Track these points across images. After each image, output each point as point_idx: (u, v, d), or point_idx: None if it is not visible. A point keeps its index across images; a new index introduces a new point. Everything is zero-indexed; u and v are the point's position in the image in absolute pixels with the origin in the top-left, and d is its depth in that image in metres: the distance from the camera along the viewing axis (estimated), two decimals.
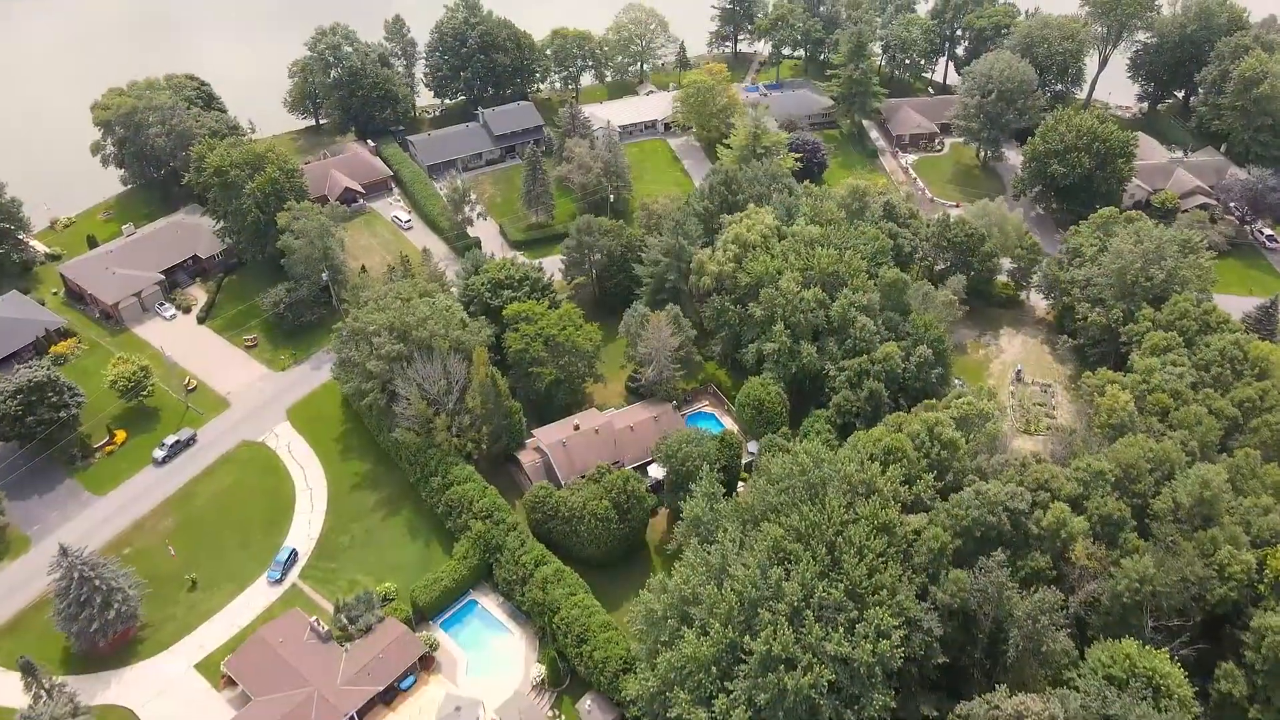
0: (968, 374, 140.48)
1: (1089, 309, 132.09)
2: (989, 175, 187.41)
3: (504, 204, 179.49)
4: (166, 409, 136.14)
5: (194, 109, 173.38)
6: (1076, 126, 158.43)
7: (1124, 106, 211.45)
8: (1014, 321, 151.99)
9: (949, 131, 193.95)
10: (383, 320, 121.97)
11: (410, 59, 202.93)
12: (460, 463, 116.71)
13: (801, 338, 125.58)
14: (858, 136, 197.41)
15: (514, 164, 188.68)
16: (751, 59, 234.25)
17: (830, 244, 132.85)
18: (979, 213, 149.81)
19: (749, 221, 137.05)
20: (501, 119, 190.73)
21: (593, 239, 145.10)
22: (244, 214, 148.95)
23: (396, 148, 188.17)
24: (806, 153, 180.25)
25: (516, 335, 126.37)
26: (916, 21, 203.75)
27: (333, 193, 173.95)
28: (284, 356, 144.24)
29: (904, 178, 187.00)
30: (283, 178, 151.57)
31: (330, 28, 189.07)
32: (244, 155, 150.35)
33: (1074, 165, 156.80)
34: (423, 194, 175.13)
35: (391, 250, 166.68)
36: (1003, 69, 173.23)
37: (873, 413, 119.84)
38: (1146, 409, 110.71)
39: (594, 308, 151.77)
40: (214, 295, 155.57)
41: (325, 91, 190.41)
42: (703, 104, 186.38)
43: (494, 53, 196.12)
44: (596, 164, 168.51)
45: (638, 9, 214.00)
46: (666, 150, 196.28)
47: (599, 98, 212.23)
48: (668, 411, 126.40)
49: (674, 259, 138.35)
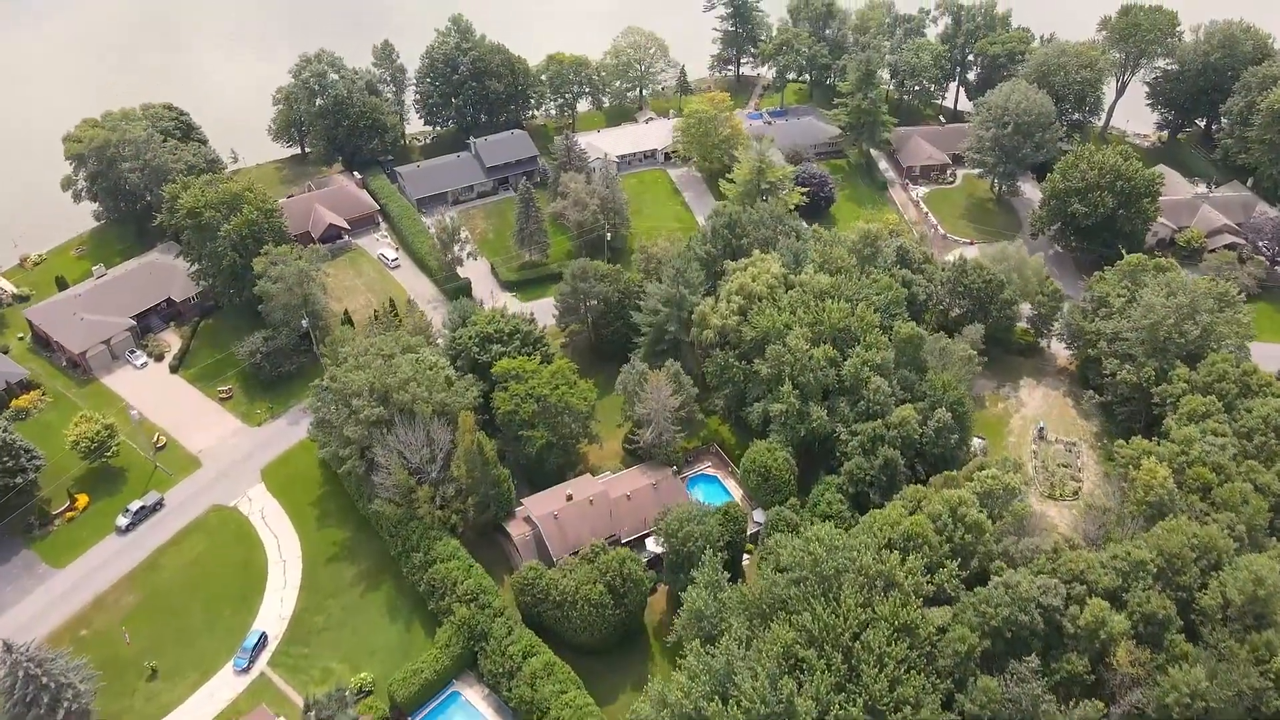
0: (987, 430, 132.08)
1: (1117, 365, 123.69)
2: (1004, 210, 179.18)
3: (496, 240, 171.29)
4: (133, 469, 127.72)
5: (170, 141, 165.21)
6: (1099, 164, 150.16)
7: (1142, 135, 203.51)
8: (1034, 371, 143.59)
9: (961, 162, 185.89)
10: (362, 380, 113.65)
11: (400, 85, 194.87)
12: (444, 537, 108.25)
13: (811, 398, 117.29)
14: (866, 167, 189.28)
15: (507, 196, 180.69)
16: (754, 82, 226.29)
17: (841, 296, 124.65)
18: (997, 256, 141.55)
19: (754, 270, 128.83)
20: (494, 149, 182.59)
21: (588, 285, 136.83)
22: (219, 257, 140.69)
23: (384, 179, 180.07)
24: (813, 186, 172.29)
25: (506, 395, 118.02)
26: (927, 47, 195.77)
27: (316, 229, 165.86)
28: (260, 410, 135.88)
29: (915, 212, 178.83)
30: (261, 218, 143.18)
31: (315, 54, 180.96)
32: (219, 195, 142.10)
33: (1096, 205, 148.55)
34: (411, 230, 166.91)
35: (377, 291, 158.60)
36: (1019, 100, 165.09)
37: (888, 483, 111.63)
38: (1186, 484, 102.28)
39: (589, 355, 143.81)
40: (188, 341, 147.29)
41: (310, 120, 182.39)
42: (704, 135, 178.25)
43: (487, 79, 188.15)
44: (593, 200, 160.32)
45: (636, 33, 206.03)
46: (666, 182, 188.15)
47: (596, 125, 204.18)
48: (667, 477, 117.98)
49: (674, 308, 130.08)
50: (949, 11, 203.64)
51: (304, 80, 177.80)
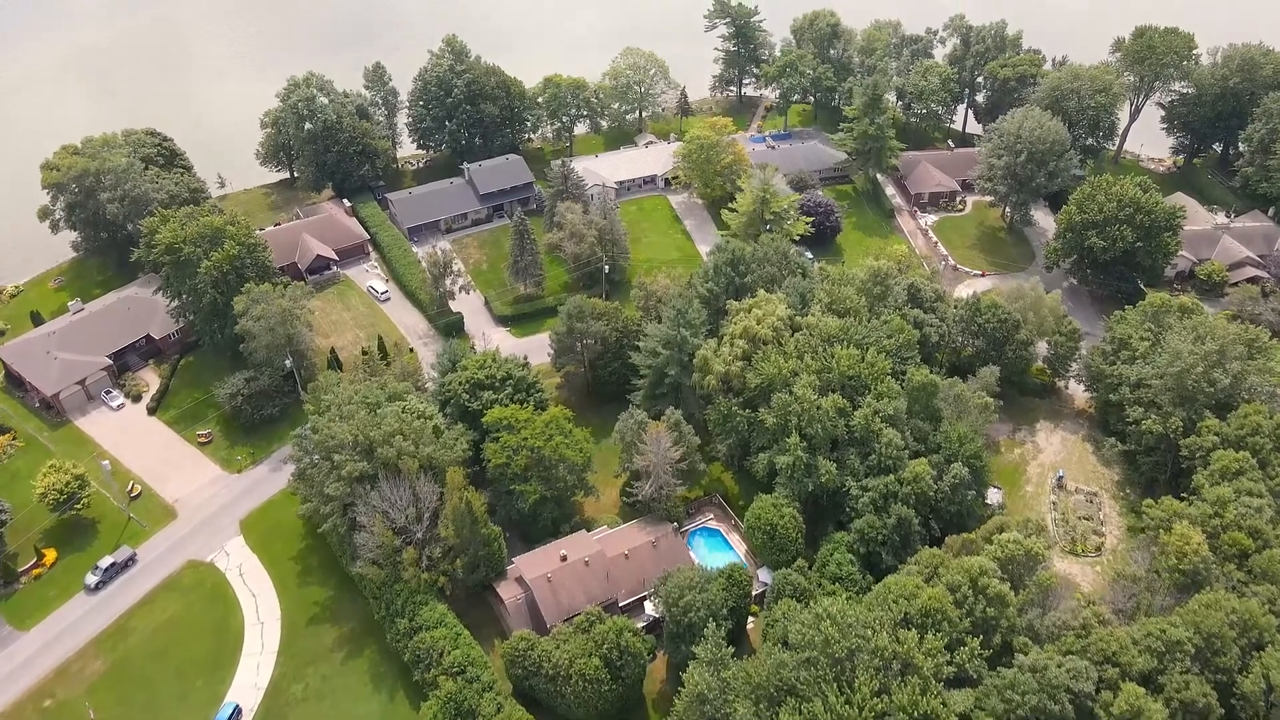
0: (1003, 478, 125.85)
1: (1142, 413, 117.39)
2: (1016, 240, 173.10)
3: (490, 271, 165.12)
4: (106, 520, 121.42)
5: (152, 170, 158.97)
6: (1116, 196, 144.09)
7: (1157, 159, 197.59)
8: (1051, 414, 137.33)
9: (970, 188, 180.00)
10: (345, 432, 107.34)
11: (392, 109, 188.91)
12: (431, 601, 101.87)
13: (819, 449, 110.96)
14: (873, 194, 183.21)
15: (501, 224, 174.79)
16: (757, 103, 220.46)
17: (850, 340, 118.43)
18: (1013, 295, 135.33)
19: (759, 312, 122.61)
20: (488, 176, 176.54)
21: (584, 325, 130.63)
22: (199, 295, 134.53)
23: (375, 207, 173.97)
24: (819, 215, 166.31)
25: (497, 447, 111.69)
26: (935, 69, 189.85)
27: (303, 260, 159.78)
28: (240, 456, 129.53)
29: (924, 242, 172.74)
30: (243, 253, 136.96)
31: (304, 78, 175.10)
32: (200, 229, 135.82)
33: (1115, 239, 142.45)
34: (401, 262, 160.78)
35: (365, 326, 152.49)
36: (1032, 127, 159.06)
37: (901, 543, 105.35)
38: (1221, 549, 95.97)
39: (586, 397, 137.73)
40: (168, 380, 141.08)
41: (299, 146, 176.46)
42: (706, 161, 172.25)
43: (481, 102, 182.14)
44: (590, 231, 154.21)
45: (636, 54, 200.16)
46: (667, 208, 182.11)
47: (594, 149, 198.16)
48: (668, 534, 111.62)
49: (675, 350, 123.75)
50: (957, 33, 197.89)
51: (292, 104, 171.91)
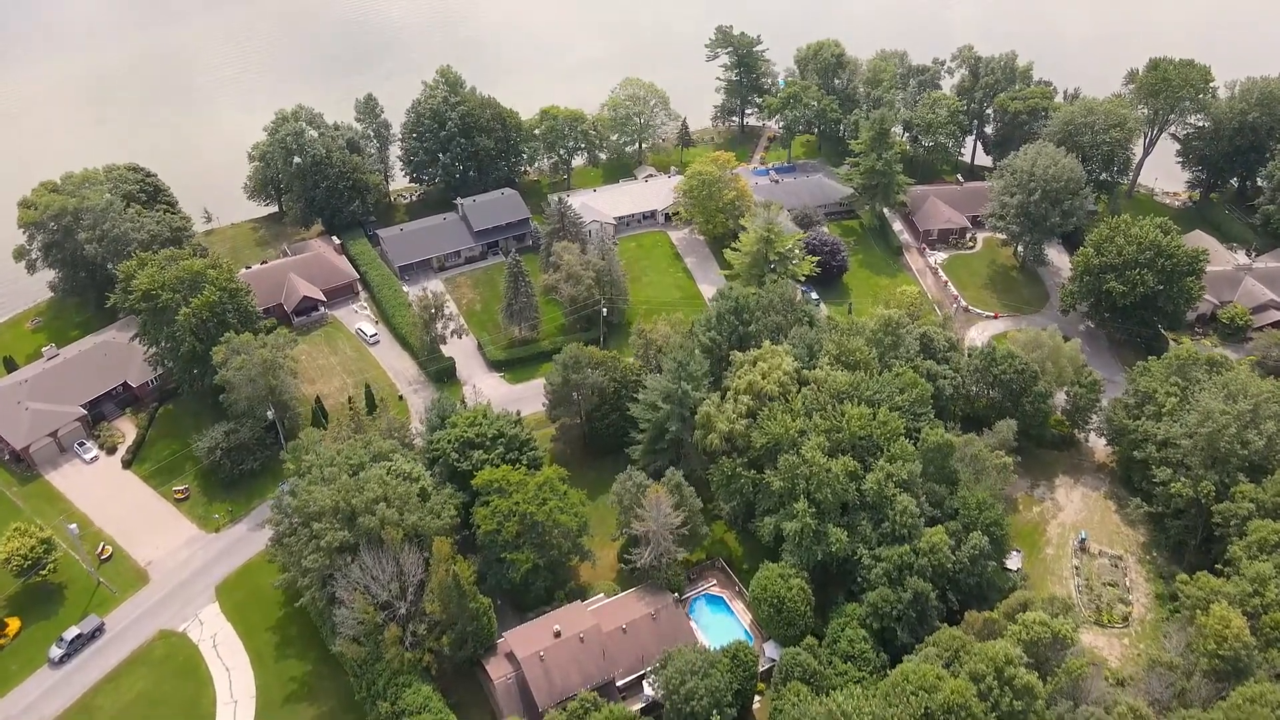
0: (1023, 540, 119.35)
1: (1170, 475, 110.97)
2: (1029, 279, 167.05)
3: (484, 312, 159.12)
4: (74, 584, 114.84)
5: (133, 208, 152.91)
6: (1136, 238, 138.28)
7: (1172, 194, 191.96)
8: (1070, 468, 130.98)
9: (980, 224, 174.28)
10: (326, 499, 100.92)
11: (384, 141, 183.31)
12: (415, 683, 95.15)
13: (828, 515, 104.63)
14: (880, 230, 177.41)
15: (496, 262, 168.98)
16: (760, 133, 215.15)
17: (861, 397, 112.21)
18: (1030, 344, 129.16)
19: (764, 366, 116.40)
20: (482, 212, 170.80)
21: (581, 375, 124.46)
22: (177, 342, 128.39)
23: (366, 244, 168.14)
24: (825, 254, 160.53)
25: (487, 512, 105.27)
26: (943, 101, 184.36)
27: (290, 301, 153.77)
28: (218, 514, 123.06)
29: (933, 281, 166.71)
30: (224, 298, 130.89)
31: (292, 111, 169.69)
32: (179, 273, 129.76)
33: (1135, 284, 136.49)
34: (392, 303, 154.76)
35: (353, 372, 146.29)
36: (1046, 165, 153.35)
37: (918, 618, 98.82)
38: (1263, 631, 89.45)
39: (582, 449, 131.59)
40: (145, 430, 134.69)
41: (287, 181, 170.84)
42: (708, 197, 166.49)
43: (476, 135, 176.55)
44: (588, 273, 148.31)
45: (635, 84, 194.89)
46: (667, 245, 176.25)
47: (593, 181, 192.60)
48: (668, 605, 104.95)
49: (676, 405, 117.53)
50: (966, 64, 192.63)
51: (280, 139, 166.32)
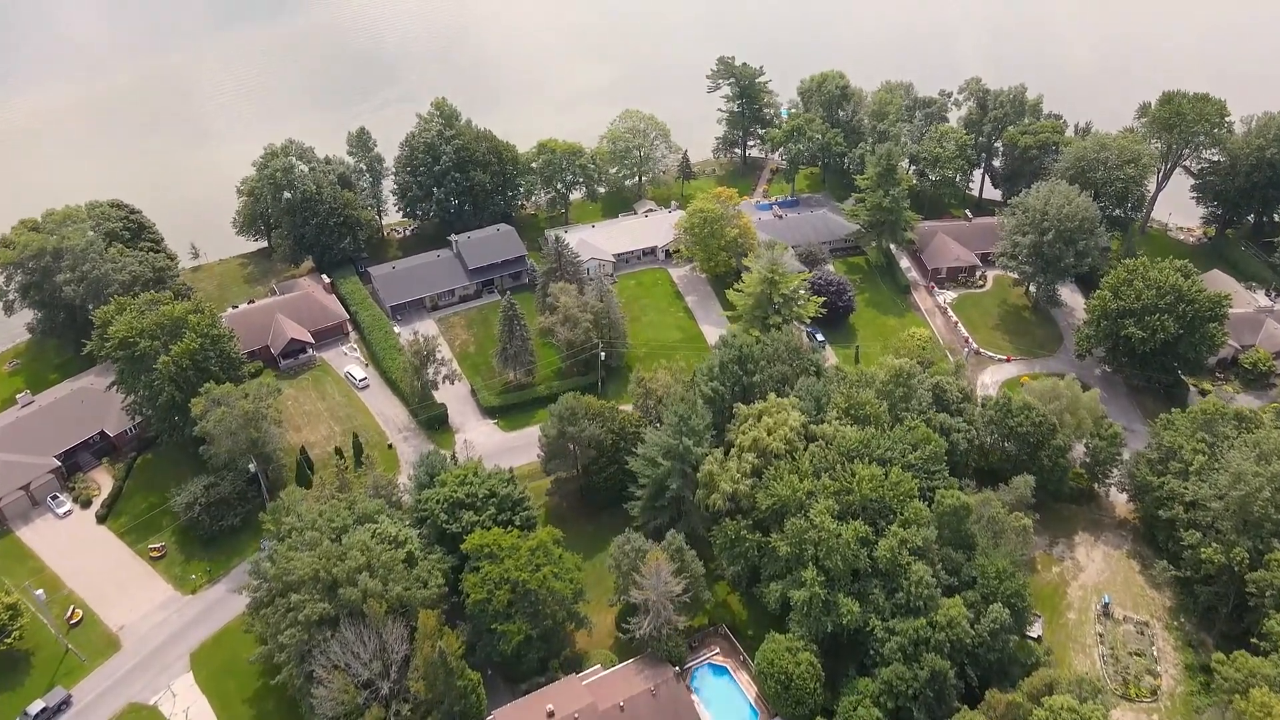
0: (1042, 603, 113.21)
1: (1199, 539, 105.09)
2: (1042, 320, 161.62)
3: (478, 353, 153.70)
4: (41, 651, 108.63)
5: (115, 247, 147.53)
6: (1156, 282, 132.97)
7: (1186, 229, 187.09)
8: (1090, 524, 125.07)
9: (990, 262, 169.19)
10: (305, 568, 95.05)
11: (377, 176, 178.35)
12: None
13: (838, 583, 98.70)
14: (887, 267, 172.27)
15: (491, 300, 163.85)
16: (762, 164, 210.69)
17: (872, 455, 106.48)
18: (1047, 394, 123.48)
19: (769, 421, 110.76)
20: (477, 249, 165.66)
21: (577, 428, 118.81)
22: (155, 392, 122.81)
23: (356, 282, 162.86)
24: (831, 294, 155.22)
25: (477, 580, 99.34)
26: (951, 134, 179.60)
27: (276, 344, 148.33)
28: (196, 575, 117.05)
29: (943, 322, 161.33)
30: (206, 345, 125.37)
31: (282, 146, 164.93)
32: (158, 319, 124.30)
33: (1155, 330, 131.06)
34: (382, 346, 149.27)
35: (341, 418, 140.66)
36: (1060, 204, 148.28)
37: (935, 698, 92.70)
38: None
39: (579, 502, 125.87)
40: (121, 482, 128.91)
41: (276, 218, 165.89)
42: (709, 235, 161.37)
43: (472, 169, 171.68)
44: (585, 315, 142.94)
45: (635, 116, 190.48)
46: (667, 283, 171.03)
47: (591, 216, 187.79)
48: (668, 680, 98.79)
49: (677, 461, 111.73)
50: (974, 96, 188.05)
51: (269, 174, 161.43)
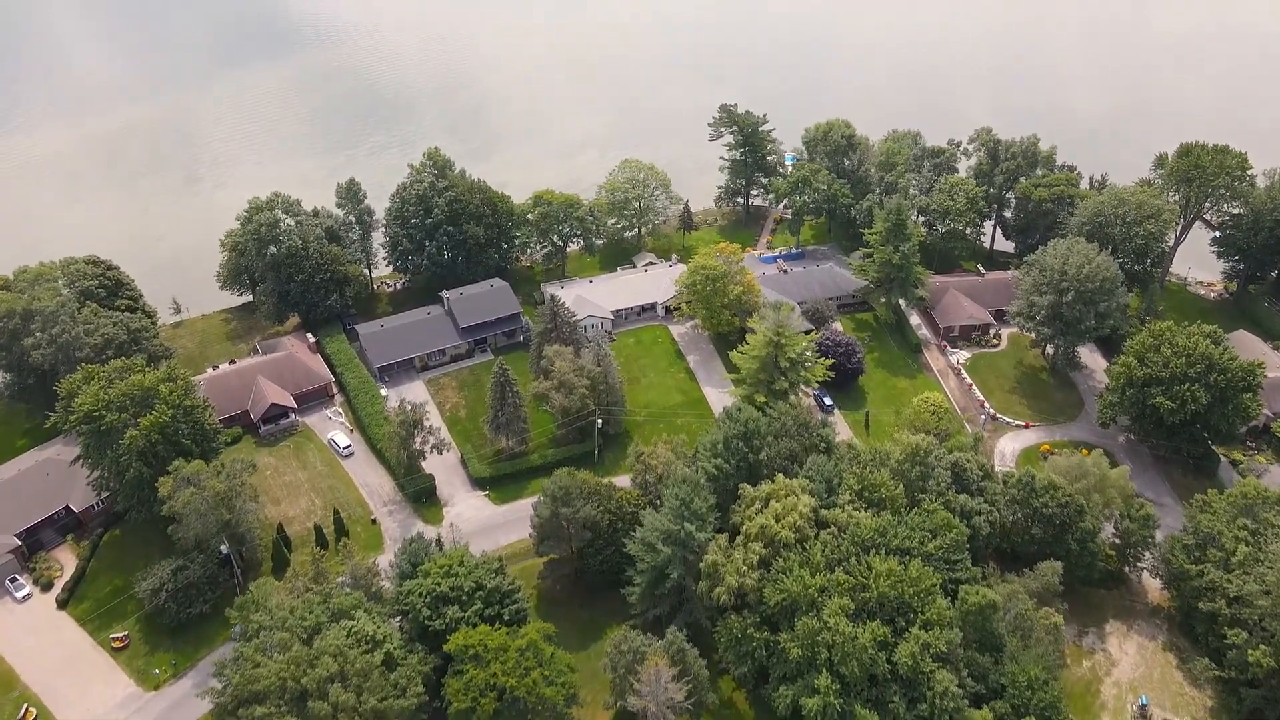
0: (1073, 703, 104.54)
1: (1245, 639, 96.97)
2: (1061, 383, 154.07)
3: (469, 418, 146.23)
4: None
5: (89, 307, 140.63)
6: (1184, 350, 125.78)
7: (1207, 284, 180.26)
8: (1122, 610, 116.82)
9: (1004, 319, 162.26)
10: (272, 676, 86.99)
11: (367, 228, 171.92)
12: None
13: (854, 689, 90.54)
14: (897, 325, 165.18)
15: (484, 360, 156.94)
16: (766, 213, 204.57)
17: (888, 545, 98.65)
18: (1073, 471, 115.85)
19: (777, 506, 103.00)
20: (470, 306, 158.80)
21: (572, 508, 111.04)
22: (122, 469, 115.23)
23: (343, 341, 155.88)
24: (840, 356, 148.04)
25: (461, 685, 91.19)
26: (961, 186, 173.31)
27: (257, 409, 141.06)
28: (160, 669, 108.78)
29: (956, 384, 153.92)
30: (179, 416, 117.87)
31: (267, 200, 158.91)
32: (128, 389, 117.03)
33: (1184, 400, 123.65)
34: (368, 411, 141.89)
35: (323, 491, 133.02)
36: (1079, 263, 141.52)
37: None
38: None
39: (573, 586, 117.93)
40: (86, 562, 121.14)
41: (261, 272, 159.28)
42: (712, 293, 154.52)
43: (465, 222, 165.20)
44: (581, 381, 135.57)
45: (635, 166, 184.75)
46: (667, 341, 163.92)
47: (589, 268, 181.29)
48: None
49: (678, 548, 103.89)
50: (984, 146, 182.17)
51: (253, 229, 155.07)
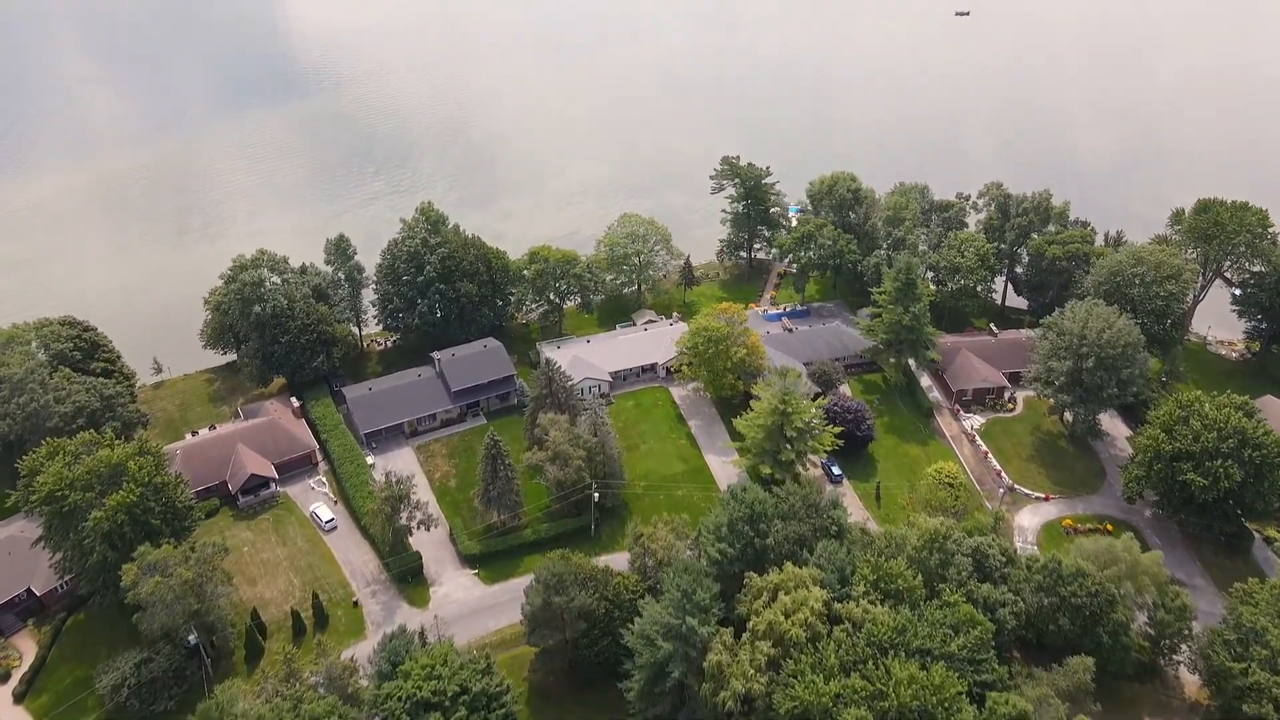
0: None
1: None
2: (1081, 451, 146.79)
3: (459, 488, 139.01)
4: None
5: (61, 372, 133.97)
6: (1215, 423, 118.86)
7: (1228, 343, 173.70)
8: (1157, 707, 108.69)
9: (1019, 381, 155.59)
10: None
11: (356, 285, 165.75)
12: None
13: None
14: (907, 387, 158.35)
15: (476, 424, 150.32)
16: (769, 267, 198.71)
17: (908, 645, 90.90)
18: (1103, 556, 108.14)
19: (787, 600, 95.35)
20: (461, 368, 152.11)
21: (565, 597, 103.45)
22: (86, 552, 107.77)
23: (329, 405, 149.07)
24: (849, 423, 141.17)
25: None
26: (971, 243, 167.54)
27: (236, 479, 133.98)
28: None
29: (971, 451, 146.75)
30: (148, 495, 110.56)
31: (252, 258, 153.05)
32: (94, 466, 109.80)
33: (1217, 477, 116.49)
34: (353, 482, 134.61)
35: (303, 569, 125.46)
36: (1099, 328, 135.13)
37: None
38: None
39: (568, 679, 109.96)
40: (46, 650, 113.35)
41: (244, 333, 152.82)
42: (714, 356, 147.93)
43: (459, 279, 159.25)
44: (578, 452, 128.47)
45: (634, 221, 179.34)
46: (668, 404, 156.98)
47: (587, 326, 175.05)
48: None
49: (680, 643, 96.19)
50: (994, 201, 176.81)
51: (236, 288, 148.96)
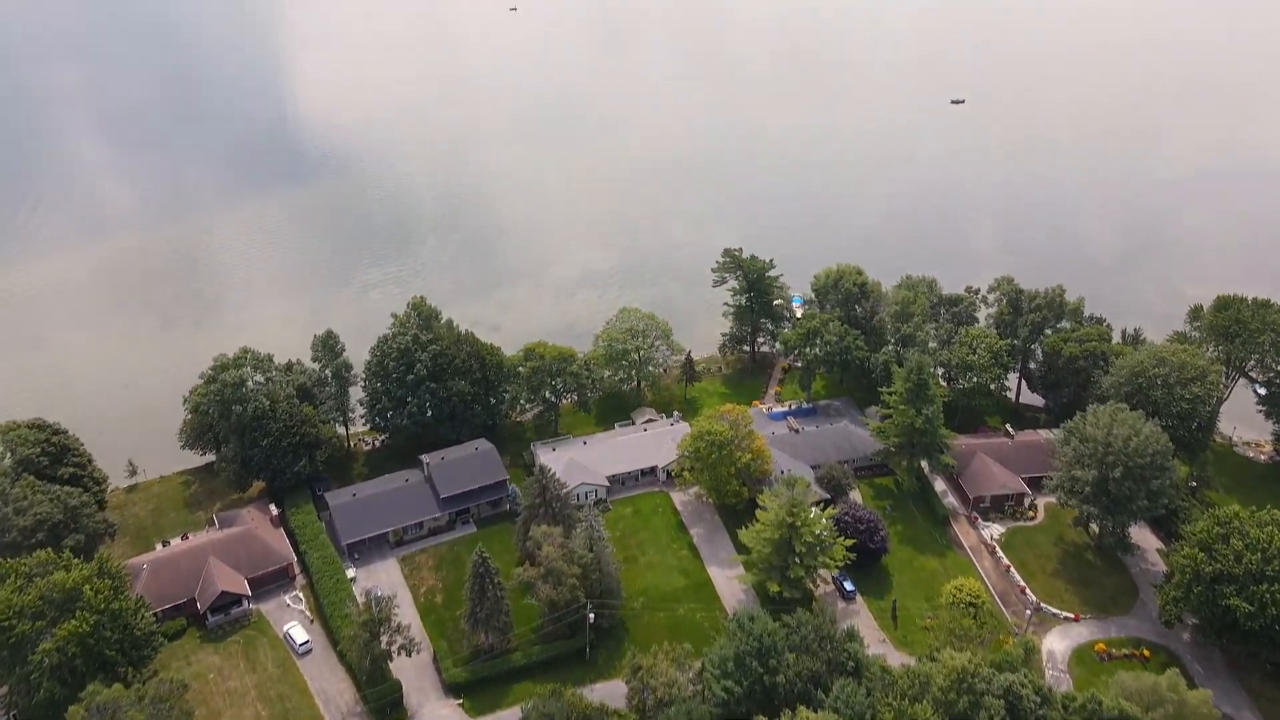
0: None
1: None
2: (1109, 565, 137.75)
3: (445, 604, 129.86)
4: None
5: (24, 479, 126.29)
6: (1260, 543, 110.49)
7: (1256, 444, 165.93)
8: None
9: (1039, 486, 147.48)
10: None
11: (344, 383, 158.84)
12: None
13: None
14: (921, 493, 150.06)
15: (465, 533, 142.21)
16: (773, 360, 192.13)
17: None
18: (1147, 695, 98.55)
19: None
20: (451, 473, 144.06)
21: None
22: (33, 687, 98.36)
23: (310, 512, 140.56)
24: (861, 534, 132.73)
25: None
26: (983, 339, 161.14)
27: (205, 596, 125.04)
28: None
29: (991, 564, 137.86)
30: (105, 622, 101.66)
31: (234, 356, 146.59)
32: (45, 590, 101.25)
33: (1265, 603, 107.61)
34: (332, 600, 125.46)
35: (272, 699, 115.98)
36: (1125, 435, 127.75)
37: None
38: None
39: None
40: None
41: (224, 435, 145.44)
42: (717, 461, 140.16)
43: (450, 378, 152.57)
44: (572, 569, 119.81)
45: (634, 315, 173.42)
46: (669, 511, 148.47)
47: (584, 425, 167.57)
48: None
49: None
50: (1005, 295, 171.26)
51: (215, 389, 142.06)
